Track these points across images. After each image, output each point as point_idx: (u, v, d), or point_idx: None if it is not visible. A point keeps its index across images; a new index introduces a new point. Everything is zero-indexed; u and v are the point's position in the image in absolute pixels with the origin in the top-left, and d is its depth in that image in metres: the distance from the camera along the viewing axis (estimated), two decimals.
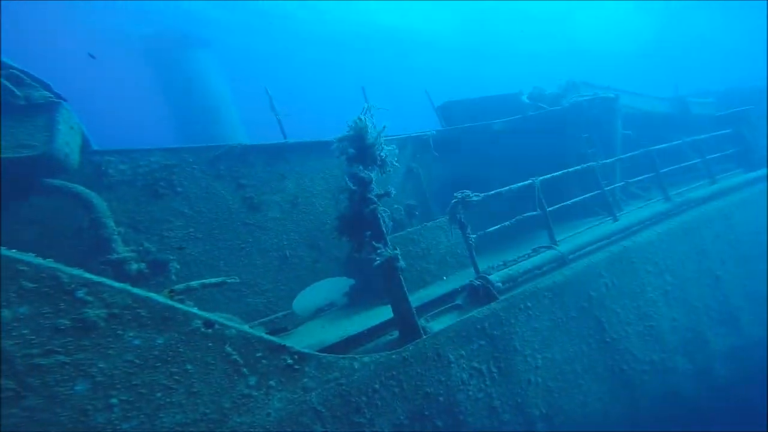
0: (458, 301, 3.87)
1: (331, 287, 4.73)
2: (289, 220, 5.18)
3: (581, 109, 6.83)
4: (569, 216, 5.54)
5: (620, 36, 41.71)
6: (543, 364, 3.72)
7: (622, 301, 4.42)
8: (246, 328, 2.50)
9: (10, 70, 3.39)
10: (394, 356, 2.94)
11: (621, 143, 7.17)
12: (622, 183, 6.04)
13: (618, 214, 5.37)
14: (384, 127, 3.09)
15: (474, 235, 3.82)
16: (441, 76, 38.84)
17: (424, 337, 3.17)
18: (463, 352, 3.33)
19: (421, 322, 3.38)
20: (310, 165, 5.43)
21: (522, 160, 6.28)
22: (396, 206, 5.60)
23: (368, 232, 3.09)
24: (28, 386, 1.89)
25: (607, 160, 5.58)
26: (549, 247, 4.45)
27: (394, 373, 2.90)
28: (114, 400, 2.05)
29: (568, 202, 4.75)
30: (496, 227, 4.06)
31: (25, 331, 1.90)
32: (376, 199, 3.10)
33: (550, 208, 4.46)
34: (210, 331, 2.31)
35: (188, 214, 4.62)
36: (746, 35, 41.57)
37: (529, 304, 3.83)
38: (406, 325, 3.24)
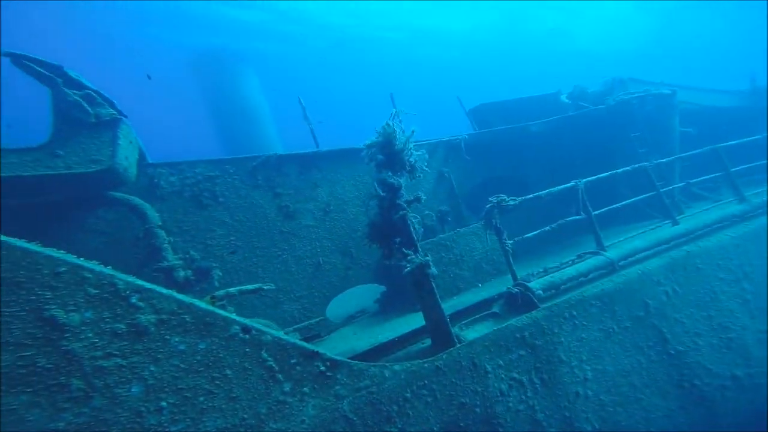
0: (495, 309, 3.76)
1: (363, 294, 4.79)
2: (321, 227, 5.37)
3: (630, 106, 6.47)
4: (618, 220, 5.15)
5: (620, 36, 42.48)
6: (593, 377, 3.52)
7: (687, 311, 4.07)
8: (281, 334, 2.60)
9: (86, 91, 3.81)
10: (426, 365, 2.91)
11: (679, 141, 6.58)
12: (683, 183, 5.50)
13: (678, 217, 4.95)
14: (413, 131, 3.08)
15: (511, 241, 3.68)
16: (455, 77, 39.59)
17: (458, 345, 3.12)
18: (500, 362, 3.23)
19: (455, 330, 3.32)
20: (341, 172, 5.59)
21: (561, 163, 5.98)
22: (427, 212, 5.60)
23: (398, 239, 3.09)
24: (94, 387, 2.08)
25: (663, 160, 5.12)
26: (596, 253, 4.17)
27: (426, 382, 2.87)
28: (164, 403, 2.20)
29: (617, 205, 4.44)
30: (536, 232, 3.89)
31: (90, 335, 2.11)
32: (405, 205, 3.10)
33: (596, 212, 4.18)
34: (247, 336, 2.43)
35: (229, 223, 4.94)
36: (746, 35, 41.26)
37: (574, 313, 3.64)
38: (438, 332, 3.20)
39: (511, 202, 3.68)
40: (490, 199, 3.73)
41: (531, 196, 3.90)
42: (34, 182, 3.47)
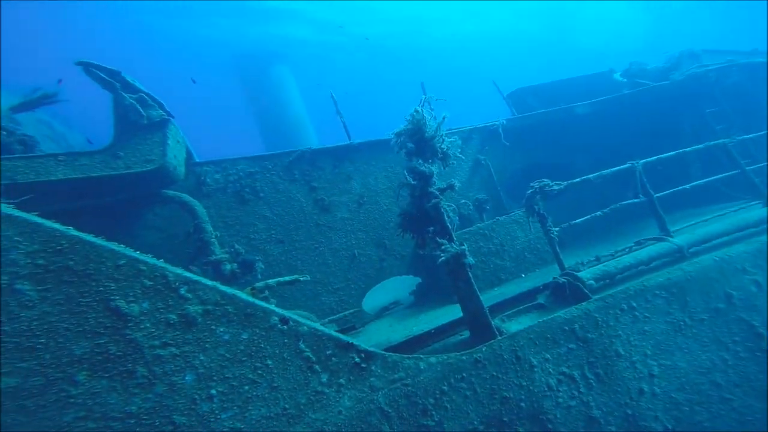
0: (540, 301, 3.60)
1: (398, 286, 4.80)
2: (356, 219, 5.45)
3: (706, 79, 5.86)
4: (687, 204, 4.61)
5: (621, 35, 42.44)
6: (661, 373, 3.28)
7: None
8: (317, 325, 2.69)
9: (140, 94, 4.06)
10: (464, 357, 2.87)
11: None
12: None
13: None
14: (444, 117, 2.96)
15: (557, 228, 3.45)
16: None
17: (500, 337, 3.03)
18: (548, 356, 3.10)
19: (496, 322, 3.24)
20: (373, 164, 5.63)
21: (612, 146, 5.55)
22: (463, 201, 5.50)
23: (431, 228, 3.03)
24: (155, 374, 2.26)
25: (749, 135, 4.45)
26: (659, 239, 3.78)
27: (464, 375, 2.84)
28: (213, 391, 2.34)
29: (687, 186, 3.98)
30: (585, 218, 3.61)
31: (148, 324, 2.30)
32: (438, 193, 3.01)
33: (659, 194, 3.76)
34: (285, 327, 2.55)
35: (270, 217, 5.18)
36: (746, 35, 39.40)
37: (634, 304, 3.39)
38: (477, 324, 3.13)
39: (556, 187, 3.44)
40: (531, 184, 3.52)
41: (578, 179, 3.61)
42: (101, 182, 3.84)
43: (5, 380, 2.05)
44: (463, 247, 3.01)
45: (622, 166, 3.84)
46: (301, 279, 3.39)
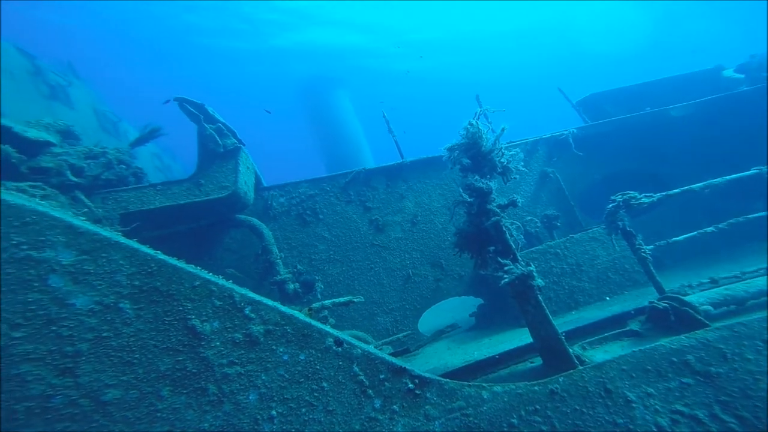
0: (632, 327, 3.12)
1: (456, 307, 4.56)
2: (410, 239, 5.46)
3: None
4: None
5: (618, 36, 42.73)
6: None
7: None
8: (371, 348, 2.66)
9: (218, 124, 4.54)
10: (536, 387, 2.61)
11: None
12: None
13: None
14: (503, 129, 2.78)
15: (650, 247, 2.96)
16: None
17: (582, 367, 2.71)
18: (651, 390, 2.69)
19: (575, 349, 2.91)
20: (425, 182, 5.63)
21: (717, 151, 4.87)
22: (529, 218, 5.17)
23: (492, 248, 2.83)
24: (224, 393, 2.39)
25: None
26: None
27: (538, 407, 2.57)
28: (274, 412, 2.40)
29: None
30: (690, 235, 3.06)
31: (218, 343, 2.48)
32: (498, 210, 2.82)
33: None
34: (340, 349, 2.57)
35: (328, 239, 5.43)
36: (746, 35, 41.73)
37: None
38: (551, 351, 2.84)
39: (645, 200, 2.96)
40: (612, 197, 3.10)
41: (678, 190, 3.08)
42: (187, 209, 4.30)
43: (113, 392, 2.38)
44: (530, 267, 2.78)
45: (743, 173, 3.20)
46: (355, 300, 3.43)
